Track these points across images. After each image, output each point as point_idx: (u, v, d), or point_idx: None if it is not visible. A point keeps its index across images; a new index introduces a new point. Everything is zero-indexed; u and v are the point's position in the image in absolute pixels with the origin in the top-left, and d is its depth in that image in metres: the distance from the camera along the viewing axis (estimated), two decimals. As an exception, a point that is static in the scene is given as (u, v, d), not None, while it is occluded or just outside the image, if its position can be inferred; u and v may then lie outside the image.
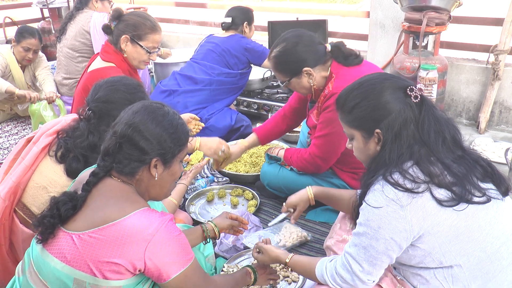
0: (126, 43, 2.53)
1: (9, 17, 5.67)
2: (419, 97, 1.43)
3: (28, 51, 3.99)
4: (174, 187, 1.55)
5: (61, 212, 1.29)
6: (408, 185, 1.33)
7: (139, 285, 1.35)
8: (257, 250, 1.85)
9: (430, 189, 1.34)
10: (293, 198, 2.07)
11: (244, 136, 3.52)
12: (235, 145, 2.76)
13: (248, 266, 1.82)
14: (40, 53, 4.24)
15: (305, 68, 2.28)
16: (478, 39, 4.16)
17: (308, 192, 2.04)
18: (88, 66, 2.67)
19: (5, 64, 4.00)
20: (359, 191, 1.50)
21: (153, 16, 2.71)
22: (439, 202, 1.33)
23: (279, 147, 2.95)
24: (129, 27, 2.51)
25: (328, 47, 2.32)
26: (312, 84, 2.32)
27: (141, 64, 2.62)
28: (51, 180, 1.78)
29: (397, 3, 3.49)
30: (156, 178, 1.40)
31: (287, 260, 1.72)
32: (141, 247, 1.26)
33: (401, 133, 1.40)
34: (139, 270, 1.29)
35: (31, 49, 3.98)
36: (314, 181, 2.52)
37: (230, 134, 3.54)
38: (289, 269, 2.06)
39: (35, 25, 6.10)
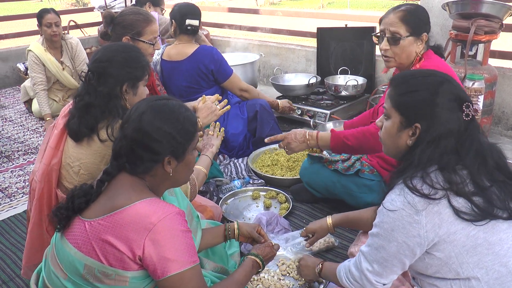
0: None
1: (73, 21, 6.03)
2: (471, 116, 1.39)
3: (50, 26, 4.25)
4: (192, 172, 1.57)
5: (75, 206, 1.36)
6: (426, 190, 1.31)
7: (147, 280, 1.34)
8: (299, 260, 1.97)
9: (448, 196, 1.31)
10: (313, 225, 2.10)
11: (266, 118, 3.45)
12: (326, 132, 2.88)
13: (250, 254, 1.72)
14: (75, 39, 4.48)
15: (425, 34, 2.21)
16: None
17: (328, 221, 2.07)
18: None
19: (35, 58, 4.31)
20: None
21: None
22: (456, 211, 1.30)
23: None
24: (126, 28, 2.57)
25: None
26: (416, 52, 2.22)
27: (148, 57, 2.68)
28: (70, 156, 1.88)
29: (445, 10, 3.40)
30: (171, 174, 1.43)
31: (317, 270, 1.81)
32: (141, 235, 1.26)
33: (439, 141, 1.36)
34: (139, 258, 1.28)
35: (51, 23, 4.24)
36: (353, 183, 2.50)
37: (253, 123, 3.49)
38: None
39: (95, 29, 6.51)
